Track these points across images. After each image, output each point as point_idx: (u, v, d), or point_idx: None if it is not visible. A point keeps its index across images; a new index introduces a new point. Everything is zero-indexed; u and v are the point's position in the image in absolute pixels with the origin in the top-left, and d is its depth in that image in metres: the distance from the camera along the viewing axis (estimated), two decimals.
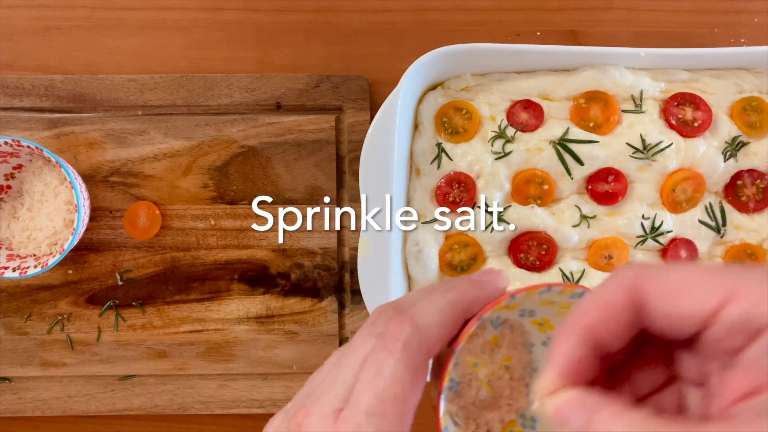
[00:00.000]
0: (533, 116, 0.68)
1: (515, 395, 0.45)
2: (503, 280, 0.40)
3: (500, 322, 0.45)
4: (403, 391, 0.35)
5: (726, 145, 0.68)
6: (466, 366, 0.44)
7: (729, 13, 0.74)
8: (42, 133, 0.72)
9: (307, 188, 0.72)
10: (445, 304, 0.37)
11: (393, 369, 0.35)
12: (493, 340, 0.45)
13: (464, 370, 0.44)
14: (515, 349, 0.45)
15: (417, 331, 0.36)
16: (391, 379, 0.34)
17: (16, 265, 0.67)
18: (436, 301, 0.37)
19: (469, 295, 0.38)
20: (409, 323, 0.36)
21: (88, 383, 0.73)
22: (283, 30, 0.74)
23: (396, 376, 0.34)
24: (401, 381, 0.34)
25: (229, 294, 0.73)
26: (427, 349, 0.36)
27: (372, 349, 0.35)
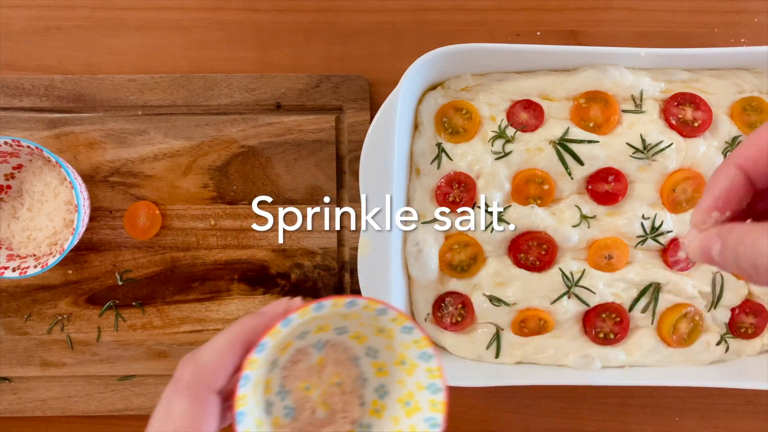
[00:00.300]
0: (533, 116, 0.68)
1: (349, 408, 0.49)
2: (282, 306, 0.45)
3: (323, 344, 0.49)
4: (192, 426, 0.41)
5: (726, 145, 0.68)
6: (298, 391, 0.48)
7: (729, 13, 0.74)
8: (42, 133, 0.72)
9: (307, 188, 0.72)
10: (224, 340, 0.43)
11: (180, 407, 0.41)
12: (320, 362, 0.49)
13: (297, 396, 0.48)
14: (342, 366, 0.49)
15: (198, 370, 0.42)
16: (179, 418, 0.41)
17: (16, 265, 0.67)
18: (216, 340, 0.43)
19: (247, 327, 0.43)
20: (191, 363, 0.42)
21: (88, 383, 0.73)
22: (283, 30, 0.74)
23: (183, 412, 0.41)
24: (188, 416, 0.41)
25: (229, 294, 0.73)
26: (209, 383, 0.42)
27: (167, 394, 0.42)
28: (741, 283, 0.70)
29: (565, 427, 0.76)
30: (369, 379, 0.50)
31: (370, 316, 0.46)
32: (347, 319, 0.48)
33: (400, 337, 0.46)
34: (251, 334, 0.43)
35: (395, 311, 0.44)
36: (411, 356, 0.47)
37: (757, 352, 0.71)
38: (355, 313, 0.46)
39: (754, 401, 0.76)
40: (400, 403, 0.48)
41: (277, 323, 0.42)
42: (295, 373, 0.48)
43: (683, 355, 0.70)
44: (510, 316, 0.69)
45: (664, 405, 0.76)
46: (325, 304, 0.42)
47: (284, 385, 0.48)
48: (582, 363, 0.69)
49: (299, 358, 0.48)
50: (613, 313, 0.69)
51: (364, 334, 0.49)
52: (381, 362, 0.50)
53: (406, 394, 0.48)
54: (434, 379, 0.46)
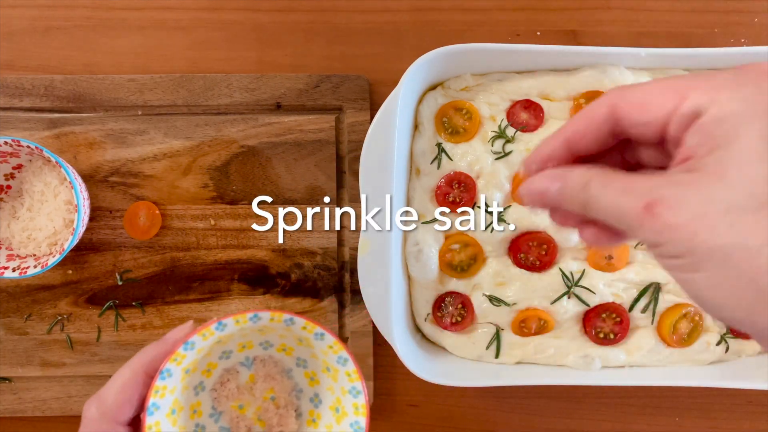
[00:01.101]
0: (533, 116, 0.68)
1: (284, 421, 0.49)
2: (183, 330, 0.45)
3: (251, 361, 0.49)
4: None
5: None
6: (232, 411, 0.48)
7: (729, 13, 0.74)
8: (42, 133, 0.72)
9: (307, 188, 0.72)
10: (126, 372, 0.43)
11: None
12: (251, 379, 0.49)
13: (231, 416, 0.48)
14: (274, 379, 0.49)
15: (101, 405, 0.42)
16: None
17: (16, 265, 0.67)
18: (119, 373, 0.44)
19: (148, 355, 0.44)
20: (95, 399, 0.43)
21: (88, 383, 0.73)
22: (283, 30, 0.74)
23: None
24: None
25: (229, 294, 0.73)
26: (112, 416, 0.42)
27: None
28: None
29: (565, 427, 0.76)
30: (304, 389, 0.50)
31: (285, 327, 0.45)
32: (265, 334, 0.48)
33: (316, 344, 0.46)
34: (154, 362, 0.43)
35: (302, 319, 0.44)
36: (331, 362, 0.47)
37: (757, 352, 0.71)
38: (268, 327, 0.46)
39: (754, 401, 0.76)
40: (331, 410, 0.48)
41: (178, 347, 0.42)
42: (226, 394, 0.48)
43: (683, 355, 0.70)
44: (510, 316, 0.69)
45: (664, 405, 0.76)
46: (227, 322, 0.42)
47: (216, 406, 0.48)
48: (582, 363, 0.69)
49: (227, 377, 0.48)
50: (613, 313, 0.69)
51: (289, 346, 0.49)
52: (311, 371, 0.50)
53: (335, 400, 0.48)
54: (354, 383, 0.46)
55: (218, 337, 0.44)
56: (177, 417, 0.45)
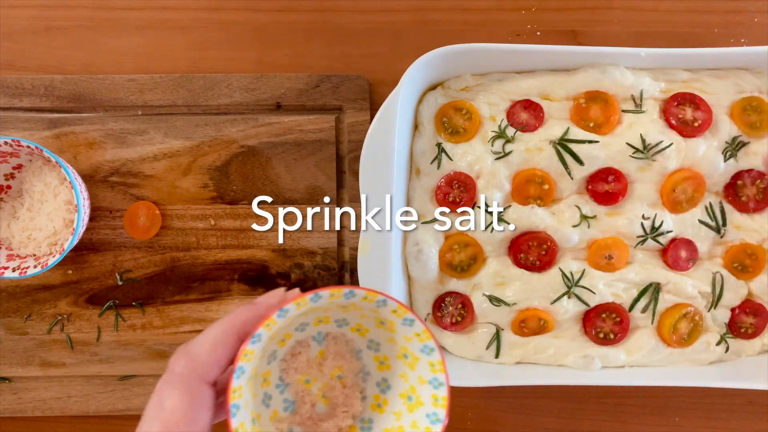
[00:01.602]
0: (533, 116, 0.68)
1: (349, 401, 0.48)
2: (278, 297, 0.44)
3: (323, 337, 0.48)
4: (184, 417, 0.40)
5: (726, 145, 0.68)
6: (298, 384, 0.47)
7: (729, 13, 0.74)
8: (42, 133, 0.72)
9: (307, 188, 0.72)
10: (217, 330, 0.42)
11: (172, 399, 0.40)
12: (320, 355, 0.48)
13: (296, 389, 0.47)
14: (344, 358, 0.48)
15: (190, 361, 0.41)
16: (170, 410, 0.40)
17: (16, 265, 0.67)
18: (210, 331, 0.43)
19: (240, 318, 0.43)
20: (184, 355, 0.42)
21: (88, 383, 0.73)
22: (283, 30, 0.74)
23: (174, 405, 0.40)
24: (180, 408, 0.40)
25: (229, 294, 0.73)
26: (202, 375, 0.41)
27: (159, 386, 0.42)
28: (741, 283, 0.70)
29: (565, 427, 0.76)
30: (371, 372, 0.49)
31: (370, 307, 0.45)
32: (347, 311, 0.47)
33: (401, 329, 0.46)
34: (246, 324, 0.43)
35: (395, 302, 0.43)
36: (413, 349, 0.46)
37: (757, 352, 0.71)
38: (355, 305, 0.45)
39: (754, 401, 0.76)
40: (402, 398, 0.47)
41: (272, 314, 0.41)
42: (295, 366, 0.47)
43: (683, 355, 0.70)
44: (510, 316, 0.69)
45: (664, 405, 0.76)
46: (323, 294, 0.41)
47: (283, 377, 0.47)
48: (582, 363, 0.69)
49: (299, 350, 0.47)
50: (613, 313, 0.69)
51: (365, 327, 0.48)
52: (383, 355, 0.49)
53: (408, 388, 0.47)
54: (436, 374, 0.45)
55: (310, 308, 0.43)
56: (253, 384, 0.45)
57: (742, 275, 0.70)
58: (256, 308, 0.43)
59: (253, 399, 0.45)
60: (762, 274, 0.70)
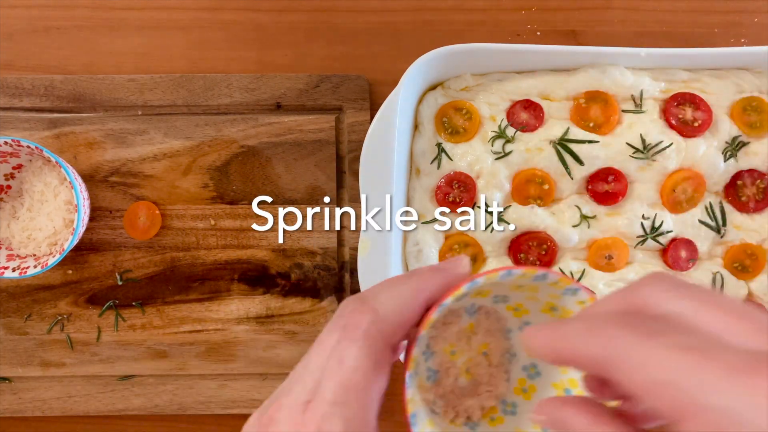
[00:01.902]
0: (533, 116, 0.68)
1: (494, 381, 0.45)
2: (464, 266, 0.41)
3: (475, 309, 0.45)
4: (365, 379, 0.36)
5: (726, 145, 0.68)
6: (444, 354, 0.44)
7: (729, 13, 0.74)
8: (42, 133, 0.72)
9: (307, 188, 0.72)
10: (405, 291, 0.38)
11: (354, 357, 0.36)
12: (470, 328, 0.45)
13: (442, 359, 0.44)
14: (493, 336, 0.45)
15: (377, 320, 0.37)
16: (352, 368, 0.35)
17: (16, 265, 0.67)
18: (396, 289, 0.38)
19: (429, 282, 0.39)
20: (370, 312, 0.37)
21: (88, 383, 0.73)
22: (283, 30, 0.74)
23: (357, 364, 0.36)
24: (362, 369, 0.36)
25: (229, 294, 0.73)
26: (387, 336, 0.37)
27: (336, 341, 0.36)
28: (741, 283, 0.70)
29: None
30: (518, 355, 0.46)
31: (552, 293, 0.41)
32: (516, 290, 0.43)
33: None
34: (434, 291, 0.39)
35: (588, 294, 0.40)
36: None
37: None
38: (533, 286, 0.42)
39: None
40: (556, 389, 0.44)
41: (463, 285, 0.38)
42: (445, 335, 0.44)
43: None
44: None
45: None
46: (514, 272, 0.38)
47: (431, 345, 0.44)
48: None
49: (451, 320, 0.44)
50: None
51: (525, 308, 0.45)
52: None
53: (567, 380, 0.43)
54: None
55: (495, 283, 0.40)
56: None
57: (742, 275, 0.70)
58: (442, 275, 0.39)
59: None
60: (762, 274, 0.70)
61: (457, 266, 0.40)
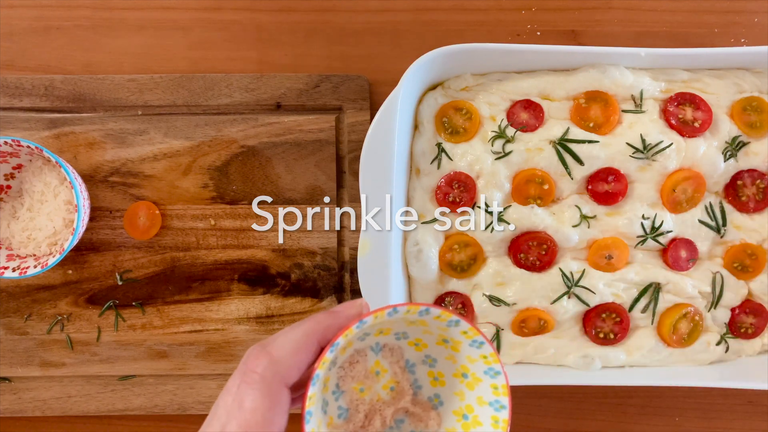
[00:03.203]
0: (533, 116, 0.68)
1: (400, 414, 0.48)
2: (357, 307, 0.45)
3: (380, 348, 0.49)
4: (263, 419, 0.40)
5: (726, 145, 0.68)
6: (353, 392, 0.48)
7: (729, 13, 0.74)
8: (42, 133, 0.72)
9: (307, 188, 0.72)
10: (298, 334, 0.42)
11: (252, 399, 0.40)
12: (376, 365, 0.48)
13: (351, 397, 0.48)
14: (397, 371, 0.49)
15: (272, 362, 0.41)
16: (250, 410, 0.40)
17: (16, 265, 0.67)
18: (291, 333, 0.42)
19: (321, 325, 0.43)
20: (265, 356, 0.41)
21: (88, 383, 0.73)
22: (283, 30, 0.74)
23: (254, 405, 0.40)
24: (260, 410, 0.40)
25: (229, 294, 0.73)
26: (282, 377, 0.41)
27: (237, 385, 0.41)
28: (741, 283, 0.70)
29: (565, 427, 0.76)
30: (423, 386, 0.50)
31: (439, 325, 0.45)
32: (411, 325, 0.48)
33: (467, 349, 0.46)
34: (326, 332, 0.43)
35: (468, 324, 0.44)
36: (475, 370, 0.47)
37: (757, 352, 0.71)
38: (423, 321, 0.46)
39: (754, 401, 0.76)
40: (456, 415, 0.48)
41: (352, 324, 0.41)
42: (352, 374, 0.48)
43: (683, 355, 0.70)
44: (510, 316, 0.69)
45: (664, 405, 0.76)
46: (400, 309, 0.42)
47: (340, 384, 0.48)
48: (582, 363, 0.69)
49: (357, 359, 0.48)
50: (613, 313, 0.69)
51: (424, 342, 0.49)
52: (438, 372, 0.49)
53: (465, 407, 0.48)
54: (499, 396, 0.46)
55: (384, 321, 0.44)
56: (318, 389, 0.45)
57: (742, 275, 0.70)
58: (335, 317, 0.44)
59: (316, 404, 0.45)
60: (762, 274, 0.70)
61: (349, 308, 0.45)
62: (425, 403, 0.49)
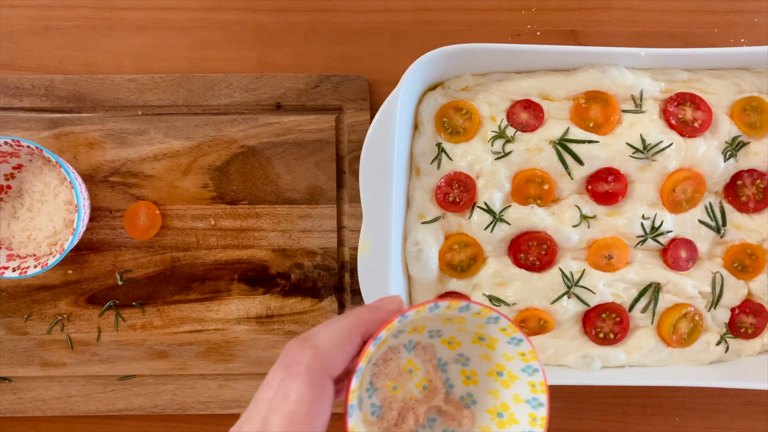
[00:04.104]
0: (533, 116, 0.68)
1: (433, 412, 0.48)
2: (397, 302, 0.45)
3: (413, 345, 0.48)
4: (309, 411, 0.39)
5: (726, 145, 0.68)
6: (386, 390, 0.47)
7: (729, 13, 0.74)
8: (42, 133, 0.72)
9: (307, 188, 0.72)
10: (342, 328, 0.42)
11: (298, 391, 0.39)
12: (409, 363, 0.48)
13: (384, 394, 0.47)
14: (430, 369, 0.49)
15: (317, 355, 0.40)
16: (296, 402, 0.39)
17: (16, 265, 0.67)
18: (334, 327, 0.42)
19: (364, 318, 0.43)
20: (310, 348, 0.41)
21: (88, 383, 0.73)
22: (283, 30, 0.74)
23: (301, 398, 0.39)
24: (306, 401, 0.39)
25: (229, 294, 0.73)
26: (327, 370, 0.40)
27: (281, 378, 0.40)
28: (741, 283, 0.70)
29: (565, 427, 0.76)
30: (455, 386, 0.49)
31: (477, 322, 0.45)
32: (446, 323, 0.47)
33: (504, 347, 0.46)
34: (369, 325, 0.42)
35: (507, 321, 0.44)
36: (512, 368, 0.46)
37: (757, 352, 0.71)
38: (460, 318, 0.45)
39: (754, 401, 0.76)
40: (490, 414, 0.47)
41: (395, 318, 0.41)
42: (386, 372, 0.47)
43: (683, 355, 0.70)
44: (510, 316, 0.69)
45: (664, 405, 0.76)
46: (441, 305, 0.42)
47: (373, 382, 0.47)
48: (582, 363, 0.69)
49: (390, 356, 0.48)
50: (613, 313, 0.69)
51: (458, 340, 0.48)
52: (471, 370, 0.49)
53: (499, 405, 0.47)
54: (537, 394, 0.45)
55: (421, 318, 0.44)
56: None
57: (742, 275, 0.70)
58: (377, 311, 0.43)
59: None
60: (762, 274, 0.70)
61: (390, 303, 0.44)
62: (458, 402, 0.49)
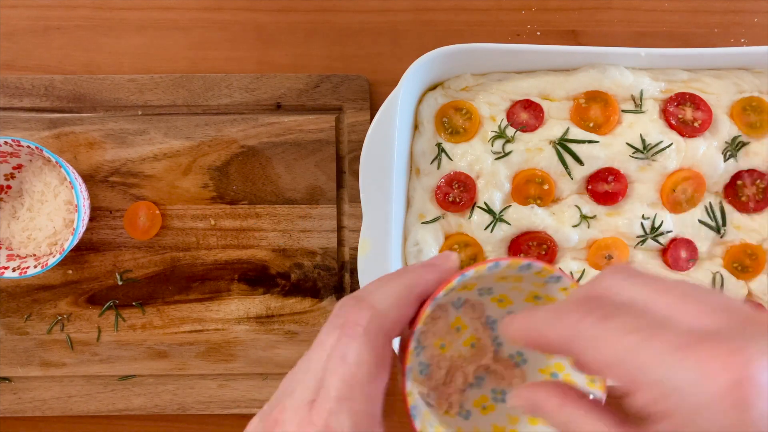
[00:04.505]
0: (533, 116, 0.68)
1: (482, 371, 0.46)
2: (454, 260, 0.42)
3: (461, 303, 0.46)
4: (369, 373, 0.36)
5: (726, 145, 0.68)
6: (434, 348, 0.45)
7: (729, 13, 0.74)
8: (42, 133, 0.72)
9: (307, 188, 0.72)
10: (400, 287, 0.39)
11: (357, 353, 0.36)
12: (457, 321, 0.46)
13: (432, 353, 0.45)
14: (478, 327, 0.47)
15: (376, 315, 0.37)
16: (355, 364, 0.36)
17: (16, 265, 0.67)
18: (391, 286, 0.39)
19: (422, 278, 0.40)
20: (368, 308, 0.38)
21: (88, 383, 0.73)
22: (283, 30, 0.74)
23: (360, 359, 0.36)
24: (366, 364, 0.36)
25: (229, 294, 0.73)
26: (387, 331, 0.38)
27: (336, 339, 0.37)
28: (741, 283, 0.70)
29: None
30: (504, 344, 0.47)
31: (535, 281, 0.43)
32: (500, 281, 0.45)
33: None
34: (426, 286, 0.40)
35: (569, 281, 0.42)
36: None
37: None
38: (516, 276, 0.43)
39: None
40: (543, 374, 0.45)
41: (454, 278, 0.39)
42: (434, 330, 0.45)
43: None
44: None
45: None
46: (501, 264, 0.40)
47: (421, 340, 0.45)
48: None
49: (438, 314, 0.45)
50: None
51: (510, 299, 0.46)
52: None
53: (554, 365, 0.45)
54: None
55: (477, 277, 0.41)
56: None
57: (742, 275, 0.70)
58: (433, 270, 0.40)
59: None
60: (762, 274, 0.70)
61: (446, 261, 0.42)
62: (507, 361, 0.47)
